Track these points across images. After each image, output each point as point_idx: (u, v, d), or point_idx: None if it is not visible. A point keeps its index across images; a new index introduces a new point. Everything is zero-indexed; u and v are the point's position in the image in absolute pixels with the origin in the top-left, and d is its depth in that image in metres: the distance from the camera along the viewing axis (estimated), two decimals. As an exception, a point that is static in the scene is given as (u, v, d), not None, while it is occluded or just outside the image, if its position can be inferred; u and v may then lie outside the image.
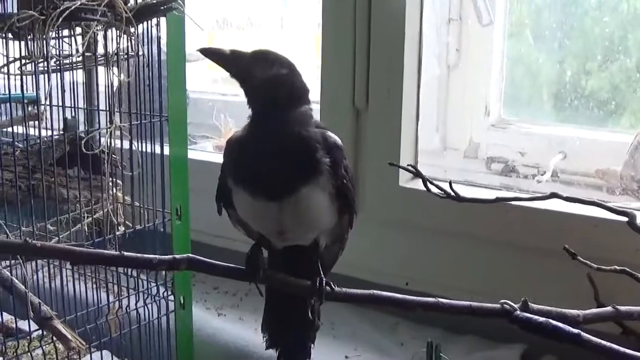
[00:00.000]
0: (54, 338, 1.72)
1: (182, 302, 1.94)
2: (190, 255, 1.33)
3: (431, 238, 2.05)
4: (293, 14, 2.99)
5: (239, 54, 1.30)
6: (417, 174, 1.66)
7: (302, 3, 2.96)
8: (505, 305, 1.25)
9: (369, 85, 2.07)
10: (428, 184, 1.64)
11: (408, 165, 1.71)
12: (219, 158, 2.43)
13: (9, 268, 1.68)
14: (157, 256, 1.32)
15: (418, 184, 2.06)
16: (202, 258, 1.33)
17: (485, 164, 2.26)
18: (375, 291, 1.34)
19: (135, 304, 1.90)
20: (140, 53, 1.80)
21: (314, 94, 2.54)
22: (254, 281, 1.36)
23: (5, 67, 1.67)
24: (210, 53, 1.30)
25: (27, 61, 1.67)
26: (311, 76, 2.94)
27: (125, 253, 1.29)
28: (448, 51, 2.27)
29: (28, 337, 1.74)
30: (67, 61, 1.75)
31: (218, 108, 2.59)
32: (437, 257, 2.05)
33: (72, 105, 1.82)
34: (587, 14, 2.17)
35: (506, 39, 2.25)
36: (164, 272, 1.90)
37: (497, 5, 2.21)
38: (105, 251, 1.21)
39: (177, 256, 1.33)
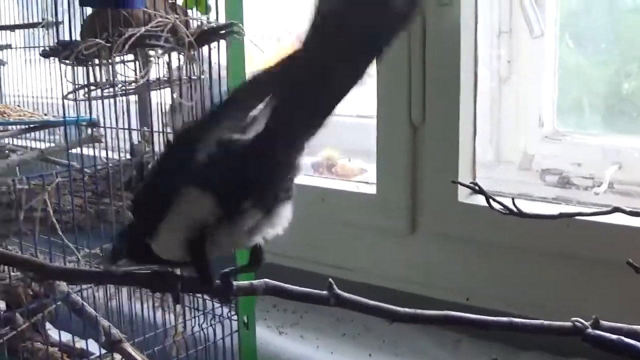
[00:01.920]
0: (124, 361, 1.74)
1: (245, 322, 1.95)
2: (267, 280, 1.33)
3: (491, 253, 2.04)
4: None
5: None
6: (479, 191, 1.65)
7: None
8: (576, 323, 1.24)
9: (425, 100, 2.07)
10: (491, 200, 1.63)
11: (471, 182, 1.71)
12: (272, 175, 2.46)
13: (79, 292, 1.70)
14: (235, 282, 1.32)
15: (477, 199, 2.07)
16: (278, 283, 1.33)
17: (540, 176, 2.25)
18: (448, 312, 1.34)
19: (200, 325, 1.91)
20: (203, 76, 1.81)
21: (369, 108, 2.56)
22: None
23: (72, 94, 1.69)
24: None
25: (94, 87, 1.70)
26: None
27: (193, 277, 1.29)
28: (500, 63, 2.26)
29: (98, 360, 1.75)
30: (131, 86, 1.76)
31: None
32: (497, 272, 2.04)
33: (138, 128, 1.84)
34: (641, 23, 2.16)
35: (557, 50, 2.24)
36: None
37: (548, 16, 2.20)
38: (176, 278, 1.21)
39: (254, 282, 1.33)
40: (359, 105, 2.77)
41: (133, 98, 1.96)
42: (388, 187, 2.18)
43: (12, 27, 2.42)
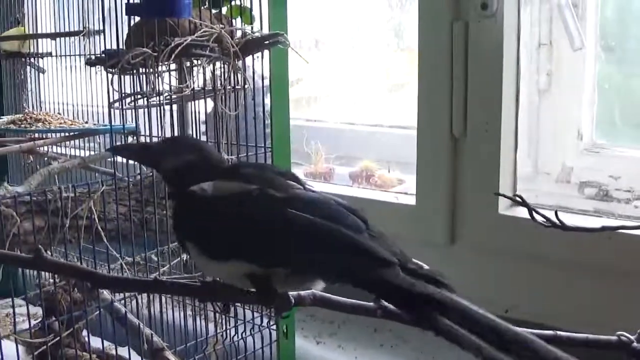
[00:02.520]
0: (165, 369, 1.75)
1: (285, 331, 1.95)
2: (315, 291, 1.33)
3: (531, 265, 2.03)
4: (363, 33, 3.00)
5: (148, 146, 1.34)
6: (523, 204, 1.65)
7: (372, 23, 2.96)
8: (622, 337, 1.24)
9: (467, 113, 2.06)
10: (533, 213, 1.63)
11: (514, 195, 1.70)
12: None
13: (123, 301, 1.70)
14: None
15: (517, 211, 2.06)
16: (326, 294, 1.33)
17: (578, 189, 2.24)
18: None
19: (241, 334, 1.91)
20: (247, 86, 1.82)
21: (406, 119, 2.56)
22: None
23: (118, 102, 1.70)
24: (120, 151, 1.37)
25: (140, 96, 1.71)
26: (380, 97, 2.97)
27: (251, 289, 1.30)
28: (539, 75, 2.25)
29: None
30: (176, 95, 1.77)
31: (309, 135, 2.60)
32: (537, 285, 2.03)
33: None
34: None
35: (597, 63, 2.23)
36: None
37: (588, 29, 2.19)
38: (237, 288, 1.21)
39: (302, 293, 1.33)
40: (396, 116, 2.77)
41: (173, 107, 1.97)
42: (428, 199, 2.17)
43: (53, 35, 2.43)
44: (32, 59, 2.55)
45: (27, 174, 2.50)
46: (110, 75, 1.69)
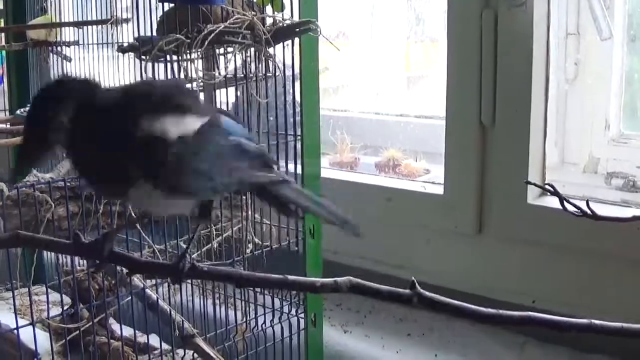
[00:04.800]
0: (195, 355, 1.75)
1: (313, 319, 1.95)
2: (351, 278, 1.32)
3: (559, 255, 2.02)
4: (381, 24, 2.99)
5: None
6: (554, 193, 1.64)
7: (390, 14, 2.96)
8: (656, 325, 1.23)
9: (496, 101, 2.06)
10: (565, 202, 1.62)
11: (546, 184, 1.70)
12: (335, 174, 2.46)
13: (154, 287, 1.71)
14: (319, 279, 1.32)
15: (546, 201, 2.05)
16: (363, 281, 1.33)
17: (605, 179, 2.23)
18: (531, 313, 1.32)
19: (271, 322, 1.91)
20: (278, 73, 1.82)
21: (431, 109, 2.55)
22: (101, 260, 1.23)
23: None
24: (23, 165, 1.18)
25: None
26: (399, 87, 2.97)
27: (289, 277, 1.29)
28: (566, 65, 2.24)
29: (171, 355, 1.75)
30: (209, 82, 1.76)
31: (334, 124, 2.60)
32: (565, 275, 2.03)
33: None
34: None
35: (625, 52, 2.22)
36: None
37: (616, 18, 2.18)
38: (271, 275, 1.20)
39: (338, 280, 1.32)
40: (416, 107, 2.77)
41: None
42: (456, 188, 2.17)
43: (81, 24, 2.43)
44: (58, 48, 2.55)
45: (54, 160, 2.50)
46: (141, 63, 1.69)
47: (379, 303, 2.22)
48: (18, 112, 2.45)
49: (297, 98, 1.90)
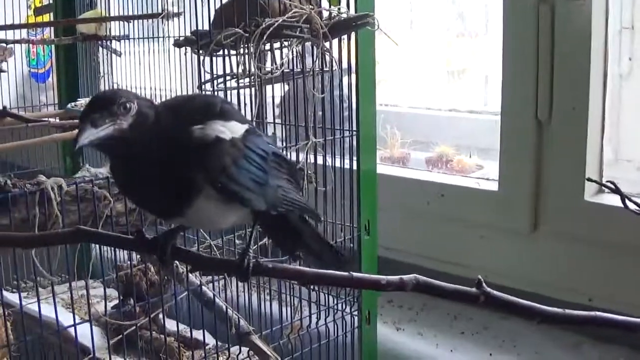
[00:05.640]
0: (251, 353, 1.73)
1: (367, 317, 1.93)
2: (417, 276, 1.30)
3: (616, 253, 1.99)
4: (422, 15, 2.97)
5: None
6: (615, 191, 1.61)
7: (430, 7, 2.93)
8: None
9: (553, 97, 2.02)
10: (626, 200, 1.59)
11: (607, 181, 1.66)
12: (386, 169, 2.44)
13: (211, 285, 1.69)
14: (385, 277, 1.29)
15: (604, 198, 2.01)
16: (430, 280, 1.30)
17: (661, 178, 2.20)
18: (597, 313, 1.29)
19: (325, 320, 1.89)
20: (335, 68, 1.79)
21: (474, 104, 2.52)
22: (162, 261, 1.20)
23: (209, 83, 1.69)
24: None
25: (230, 77, 1.69)
26: (440, 78, 2.93)
27: (354, 274, 1.27)
28: (620, 60, 2.20)
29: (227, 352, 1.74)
30: (267, 76, 1.75)
31: (384, 119, 2.58)
32: (622, 273, 1.99)
33: (274, 121, 1.84)
34: None
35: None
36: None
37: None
38: (336, 272, 1.18)
39: (404, 277, 1.30)
40: (459, 101, 2.74)
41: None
42: (511, 184, 2.14)
43: (131, 18, 2.41)
44: (109, 42, 2.54)
45: (103, 154, 2.50)
46: (200, 57, 1.67)
47: (431, 300, 2.19)
48: (69, 106, 2.44)
49: (353, 93, 1.88)
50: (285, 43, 1.78)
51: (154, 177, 1.06)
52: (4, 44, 2.37)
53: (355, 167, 1.88)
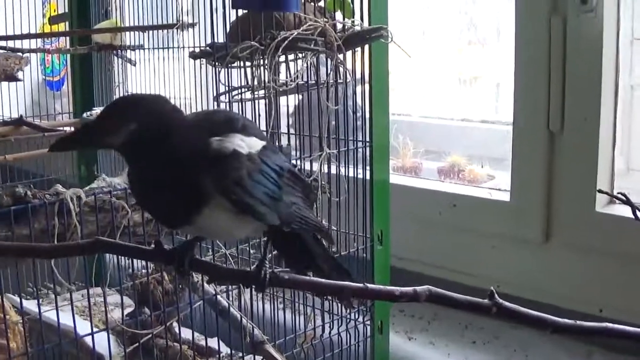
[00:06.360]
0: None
1: (380, 327, 1.95)
2: (430, 287, 1.31)
3: (628, 264, 1.99)
4: (433, 24, 2.98)
5: (86, 126, 1.13)
6: (626, 202, 1.62)
7: (442, 13, 2.95)
8: None
9: (565, 107, 2.04)
10: (637, 212, 1.60)
11: (618, 193, 1.67)
12: (398, 179, 2.45)
13: (225, 294, 1.71)
14: (399, 288, 1.31)
15: (615, 209, 2.03)
16: (443, 291, 1.32)
17: (672, 187, 2.20)
18: (608, 324, 1.30)
19: (338, 329, 1.91)
20: (349, 80, 1.81)
21: (485, 113, 2.53)
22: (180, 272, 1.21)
23: (225, 95, 1.71)
24: (60, 147, 1.12)
25: (245, 89, 1.71)
26: (451, 87, 2.95)
27: (369, 285, 1.29)
28: (632, 71, 2.22)
29: (241, 360, 1.76)
30: (282, 88, 1.77)
31: (396, 128, 2.59)
32: (633, 284, 2.00)
33: (288, 132, 1.85)
34: None
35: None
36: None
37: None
38: (351, 283, 1.20)
39: (417, 289, 1.32)
40: (470, 110, 2.75)
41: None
42: (523, 195, 2.15)
43: (146, 28, 2.44)
44: (123, 51, 2.56)
45: (117, 163, 2.52)
46: (216, 68, 1.69)
47: (443, 309, 2.20)
48: (84, 115, 2.46)
49: (366, 104, 1.89)
50: (300, 55, 1.80)
51: (166, 182, 1.09)
52: (20, 53, 2.39)
53: (368, 177, 1.89)
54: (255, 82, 1.69)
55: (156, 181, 1.10)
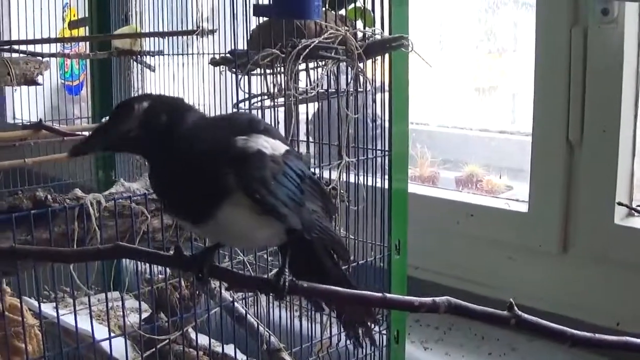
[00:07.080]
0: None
1: (396, 336, 1.94)
2: (450, 298, 1.31)
3: (647, 277, 1.99)
4: (451, 33, 2.98)
5: (100, 129, 1.13)
6: (646, 214, 1.62)
7: (459, 24, 2.94)
8: None
9: (584, 118, 2.03)
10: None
11: (638, 206, 1.67)
12: (415, 189, 2.45)
13: (243, 301, 1.71)
14: (417, 298, 1.30)
15: (635, 222, 2.02)
16: (462, 302, 1.31)
17: (690, 200, 2.19)
18: (629, 338, 1.30)
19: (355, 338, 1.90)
20: (369, 88, 1.81)
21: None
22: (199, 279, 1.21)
23: (244, 102, 1.71)
24: (78, 151, 1.13)
25: (266, 97, 1.71)
26: (468, 96, 2.94)
27: (388, 295, 1.28)
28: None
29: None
30: (302, 96, 1.77)
31: (414, 137, 2.59)
32: (652, 297, 1.99)
33: (307, 139, 1.86)
34: None
35: None
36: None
37: None
38: (370, 293, 1.20)
39: (437, 299, 1.31)
40: (487, 120, 2.75)
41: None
42: (541, 206, 2.14)
43: (166, 34, 2.45)
44: (142, 57, 2.57)
45: (134, 168, 2.53)
46: (237, 75, 1.70)
47: (459, 320, 2.19)
48: (103, 120, 2.46)
49: (386, 113, 1.89)
50: (321, 63, 1.80)
51: (187, 175, 1.09)
52: (40, 57, 2.40)
53: (386, 186, 1.89)
54: (275, 90, 1.70)
55: (178, 173, 1.09)
